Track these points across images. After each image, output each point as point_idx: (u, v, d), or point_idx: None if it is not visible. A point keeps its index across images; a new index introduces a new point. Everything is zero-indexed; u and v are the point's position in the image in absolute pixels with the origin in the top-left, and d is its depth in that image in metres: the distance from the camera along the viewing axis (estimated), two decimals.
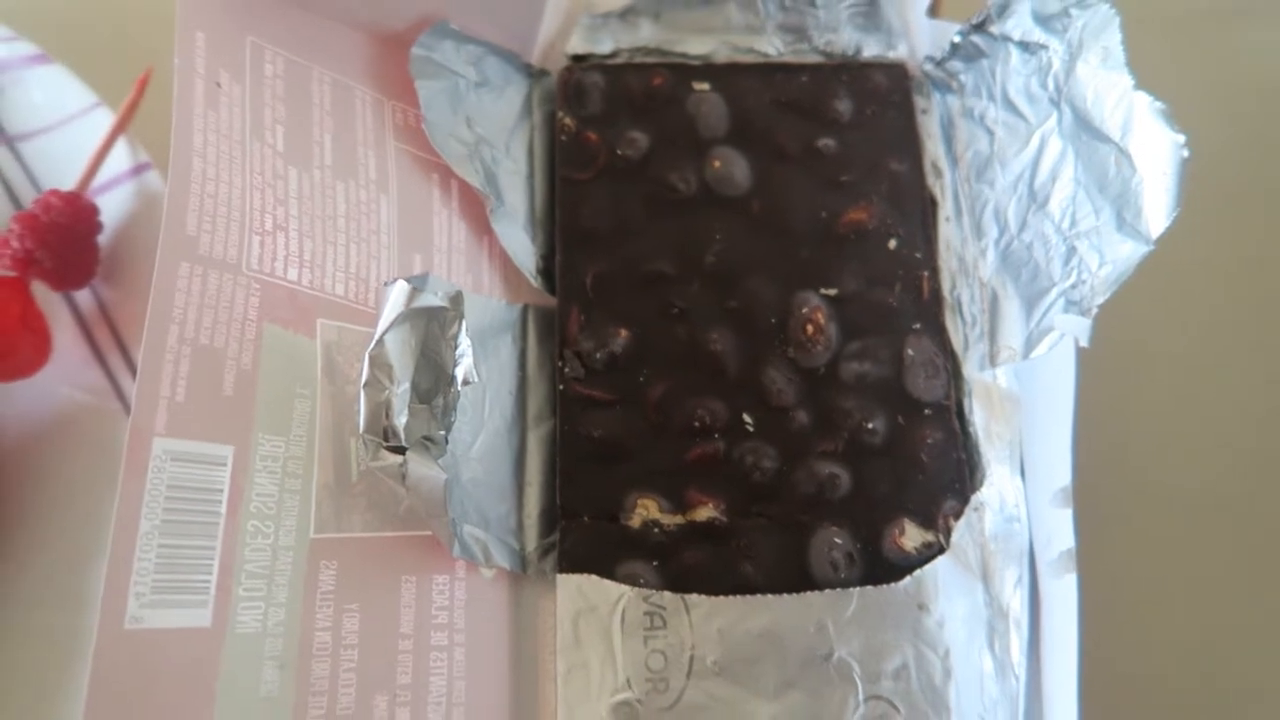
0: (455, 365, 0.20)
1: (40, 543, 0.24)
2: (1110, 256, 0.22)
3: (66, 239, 0.24)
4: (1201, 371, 0.28)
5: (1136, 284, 0.22)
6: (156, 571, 0.18)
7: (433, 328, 0.20)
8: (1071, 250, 0.23)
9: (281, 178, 0.22)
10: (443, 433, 0.20)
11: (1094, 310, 0.22)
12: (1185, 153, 0.20)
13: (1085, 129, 0.23)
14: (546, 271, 0.26)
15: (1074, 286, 0.23)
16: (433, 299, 0.20)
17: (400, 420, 0.19)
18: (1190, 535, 0.26)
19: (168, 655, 0.17)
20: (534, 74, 0.28)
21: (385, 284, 0.20)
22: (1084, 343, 0.22)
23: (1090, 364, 0.23)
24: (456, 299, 0.20)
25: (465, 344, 0.20)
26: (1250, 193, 0.30)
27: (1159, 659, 0.25)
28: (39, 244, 0.24)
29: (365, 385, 0.19)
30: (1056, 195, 0.24)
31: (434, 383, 0.20)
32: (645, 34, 0.29)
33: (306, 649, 0.19)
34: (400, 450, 0.19)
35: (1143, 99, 0.21)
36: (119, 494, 0.17)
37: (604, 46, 0.28)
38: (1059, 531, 0.22)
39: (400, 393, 0.19)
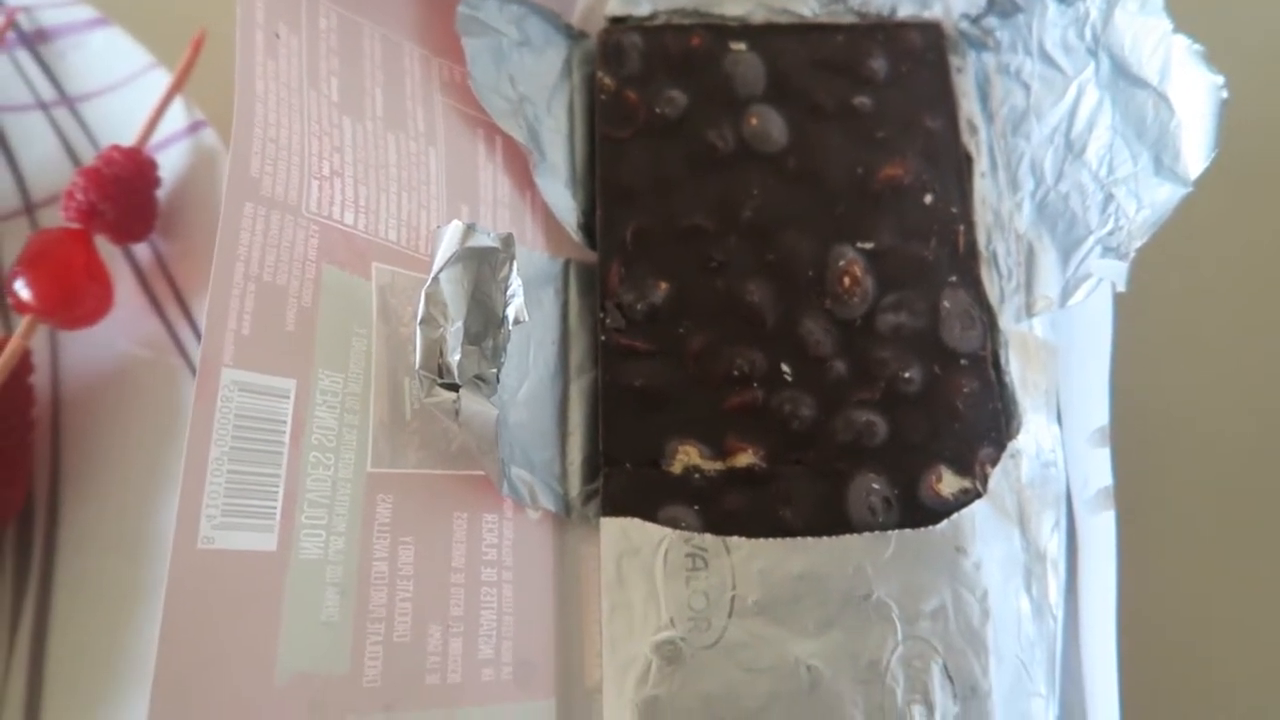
0: (507, 305, 0.21)
1: (102, 488, 0.25)
2: (1148, 200, 0.22)
3: (127, 192, 0.25)
4: (1239, 317, 0.28)
5: (1176, 233, 0.22)
6: (226, 496, 0.18)
7: (484, 270, 0.21)
8: (1109, 197, 0.23)
9: (337, 126, 0.22)
10: (493, 371, 0.21)
11: (1131, 254, 0.22)
12: (1224, 94, 0.20)
13: (1123, 76, 0.23)
14: (587, 227, 0.26)
15: (1111, 233, 0.23)
16: (485, 240, 0.20)
17: (454, 358, 0.20)
18: (1228, 476, 0.26)
19: (237, 576, 0.18)
20: (574, 36, 0.29)
21: (439, 226, 0.20)
22: (1121, 287, 0.22)
23: (1127, 308, 0.23)
24: (508, 240, 0.21)
25: (516, 283, 0.20)
26: None
27: (1197, 597, 0.25)
28: (102, 197, 0.24)
29: (421, 322, 0.20)
30: (1093, 144, 0.24)
31: (483, 326, 0.21)
32: None
33: (365, 577, 0.20)
34: (454, 387, 0.20)
35: (1181, 42, 0.21)
36: (191, 420, 0.18)
37: (642, 9, 0.29)
38: (1096, 470, 0.22)
39: (454, 331, 0.20)
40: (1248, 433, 0.27)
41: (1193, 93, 0.21)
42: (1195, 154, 0.21)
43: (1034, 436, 0.24)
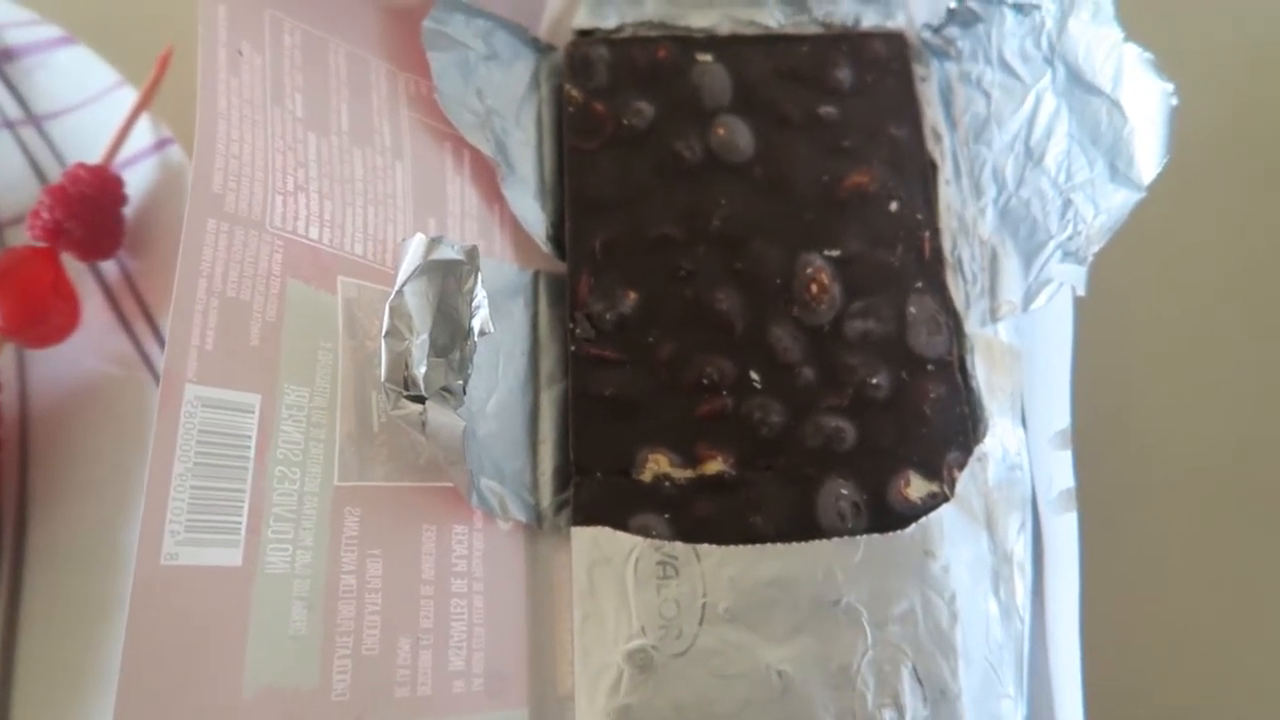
0: (472, 317, 0.21)
1: (71, 505, 0.25)
2: (1104, 206, 0.22)
3: (94, 210, 0.25)
4: (1196, 320, 0.29)
5: (1132, 238, 0.22)
6: (190, 511, 0.18)
7: (449, 282, 0.21)
8: (1067, 203, 0.24)
9: (301, 142, 0.23)
10: (460, 383, 0.21)
11: (1089, 259, 0.22)
12: (1174, 100, 0.21)
13: (1078, 84, 0.23)
14: (557, 238, 0.27)
15: (1070, 238, 0.23)
16: (450, 252, 0.20)
17: (420, 370, 0.20)
18: (1188, 475, 0.27)
19: (202, 591, 0.18)
20: (541, 49, 0.29)
21: (403, 240, 0.20)
22: (1080, 291, 0.23)
23: (1087, 313, 0.24)
24: (472, 253, 0.21)
25: (481, 295, 0.21)
26: (1241, 149, 0.30)
27: (1159, 596, 0.26)
28: (68, 215, 0.24)
29: (386, 335, 0.20)
30: (1052, 151, 0.24)
31: (450, 338, 0.21)
32: (649, 9, 0.29)
33: (333, 591, 0.20)
34: (420, 399, 0.20)
35: (1132, 50, 0.22)
36: (153, 436, 0.18)
37: (609, 21, 0.29)
38: (1059, 472, 0.22)
39: (419, 343, 0.20)
40: (1207, 433, 0.27)
41: (1144, 100, 0.21)
42: (1148, 160, 0.21)
43: (1000, 440, 0.24)
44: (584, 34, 0.29)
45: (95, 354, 0.26)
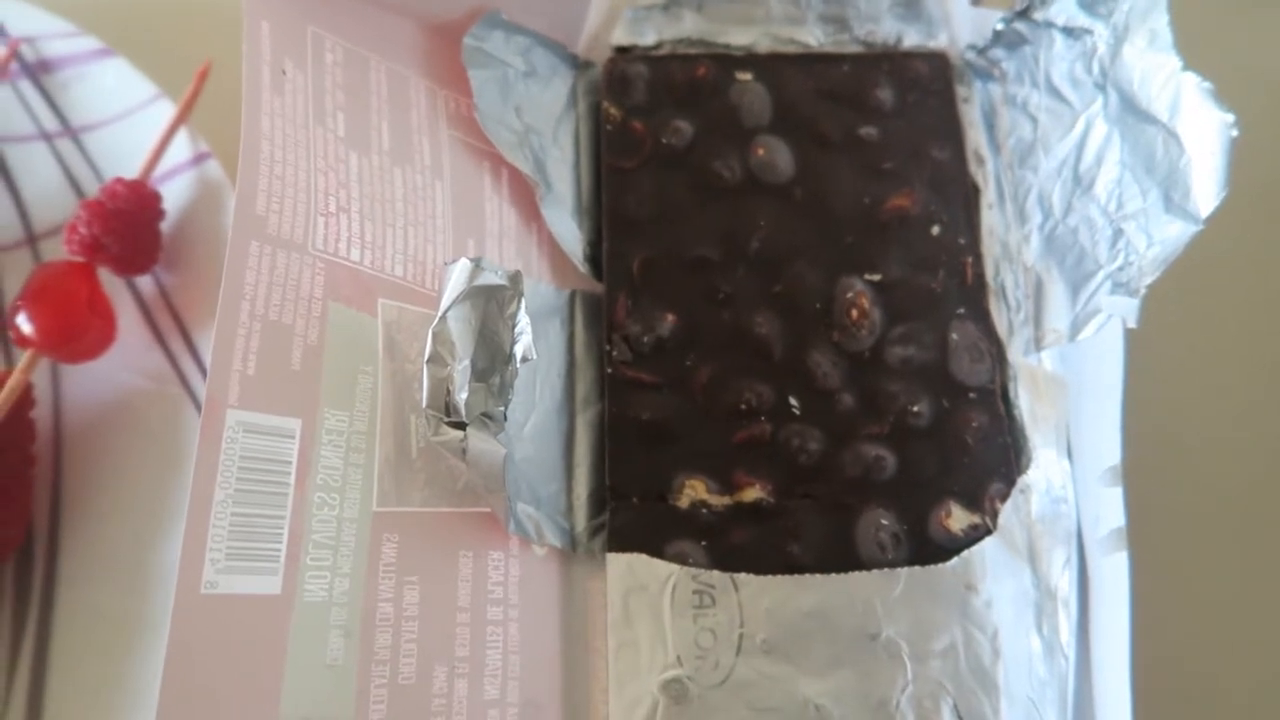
0: (514, 343, 0.20)
1: (103, 523, 0.25)
2: (1159, 237, 0.22)
3: (131, 225, 0.25)
4: (1252, 353, 0.28)
5: (1187, 269, 0.22)
6: (230, 539, 0.18)
7: (491, 307, 0.20)
8: (1118, 233, 0.23)
9: (343, 162, 0.22)
10: (501, 409, 0.20)
11: (1142, 291, 0.22)
12: (1234, 132, 0.20)
13: (1131, 111, 0.23)
14: (594, 258, 0.26)
15: (1121, 268, 0.23)
16: (493, 278, 0.20)
17: (461, 396, 0.20)
18: (1244, 515, 0.26)
19: (241, 620, 0.18)
20: (579, 65, 0.29)
21: (447, 263, 0.20)
22: (1132, 323, 0.22)
23: (1139, 345, 0.23)
24: (516, 278, 0.20)
25: (524, 321, 0.20)
26: None
27: (1212, 639, 0.25)
28: (105, 230, 0.24)
29: (428, 361, 0.20)
30: (1102, 178, 0.24)
31: (490, 362, 0.21)
32: (688, 25, 0.29)
33: (370, 619, 0.20)
34: (461, 426, 0.20)
35: (1190, 79, 0.21)
36: (195, 463, 0.18)
37: (647, 38, 0.29)
38: (1109, 510, 0.22)
39: (461, 369, 0.20)
40: (1264, 472, 0.27)
41: (1202, 130, 0.21)
42: (1206, 192, 0.21)
43: (1044, 472, 0.24)
44: (622, 50, 0.29)
45: (129, 369, 0.26)
